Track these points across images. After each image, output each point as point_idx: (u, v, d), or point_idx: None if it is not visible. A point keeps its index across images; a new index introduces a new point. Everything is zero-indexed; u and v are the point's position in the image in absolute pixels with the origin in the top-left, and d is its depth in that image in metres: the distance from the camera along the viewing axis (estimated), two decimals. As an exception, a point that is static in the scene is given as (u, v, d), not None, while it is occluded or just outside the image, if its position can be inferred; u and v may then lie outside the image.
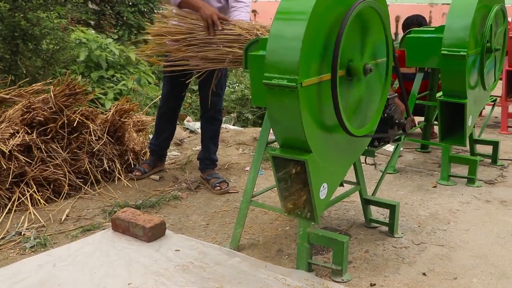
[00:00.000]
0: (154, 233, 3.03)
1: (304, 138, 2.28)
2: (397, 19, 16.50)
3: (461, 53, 3.65)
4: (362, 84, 2.62)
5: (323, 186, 2.49)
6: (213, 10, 3.37)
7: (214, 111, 3.97)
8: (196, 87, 6.05)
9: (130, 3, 11.13)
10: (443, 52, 3.72)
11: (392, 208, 3.18)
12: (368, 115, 2.77)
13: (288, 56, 2.18)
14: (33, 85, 4.04)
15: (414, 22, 5.21)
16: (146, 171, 4.10)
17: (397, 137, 3.20)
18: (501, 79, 5.63)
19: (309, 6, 2.17)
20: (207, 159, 4.06)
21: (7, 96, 3.80)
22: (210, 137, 4.01)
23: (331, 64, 2.27)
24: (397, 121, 3.01)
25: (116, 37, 10.28)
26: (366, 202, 3.29)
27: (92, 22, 10.87)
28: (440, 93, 3.99)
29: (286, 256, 2.93)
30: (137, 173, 4.07)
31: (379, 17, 2.62)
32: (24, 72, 5.31)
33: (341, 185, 3.17)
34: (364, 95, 2.69)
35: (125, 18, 10.88)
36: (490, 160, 4.65)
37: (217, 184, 3.87)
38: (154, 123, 4.68)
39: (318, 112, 2.37)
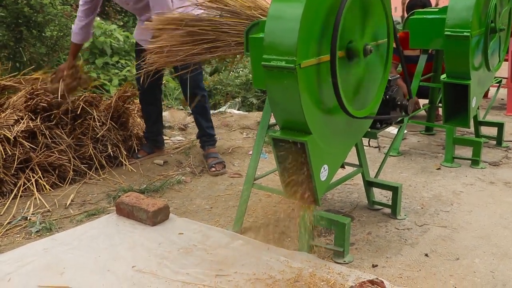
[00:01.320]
0: (158, 217, 3.05)
1: (304, 119, 2.28)
2: (404, 2, 16.37)
3: (464, 33, 3.61)
4: (362, 65, 2.61)
5: (324, 168, 2.49)
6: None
7: (194, 87, 3.93)
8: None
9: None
10: (446, 33, 3.69)
11: (394, 190, 3.18)
12: (368, 96, 2.76)
13: (286, 38, 2.17)
14: (32, 73, 4.05)
15: (418, 3, 5.16)
16: (138, 157, 4.15)
17: (399, 119, 3.19)
18: (506, 60, 5.59)
19: (307, -13, 2.16)
20: (204, 135, 4.09)
21: (8, 83, 3.81)
22: (199, 113, 4.02)
23: (330, 45, 2.27)
24: (399, 102, 3.00)
25: (122, 23, 10.27)
26: (369, 184, 3.29)
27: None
28: (444, 75, 3.97)
29: (289, 239, 2.94)
30: (131, 159, 4.12)
31: (379, -3, 2.60)
32: (28, 59, 5.32)
33: (342, 167, 3.17)
34: (365, 77, 2.68)
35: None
36: (495, 142, 4.63)
37: (213, 165, 3.89)
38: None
39: (318, 93, 2.36)
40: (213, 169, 3.89)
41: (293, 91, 2.21)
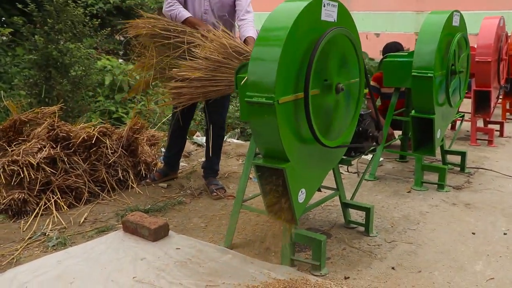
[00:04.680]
0: (158, 234, 3.02)
1: (282, 149, 2.28)
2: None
3: (428, 74, 3.64)
4: (336, 101, 2.62)
5: (301, 191, 2.48)
6: (209, 27, 3.53)
7: (218, 127, 3.96)
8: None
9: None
10: (413, 73, 3.72)
11: (367, 210, 3.16)
12: (342, 128, 2.76)
13: (266, 77, 2.19)
14: (42, 107, 4.05)
15: (392, 48, 5.19)
16: (155, 179, 4.12)
17: (372, 148, 3.18)
18: (469, 97, 5.61)
19: (284, 33, 2.19)
20: (210, 168, 4.06)
21: (29, 118, 3.82)
22: (214, 150, 4.01)
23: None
24: (371, 134, 3.00)
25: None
26: (345, 206, 3.27)
27: (121, 52, 10.97)
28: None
29: (273, 253, 2.90)
30: (147, 180, 4.10)
31: (351, 42, 2.62)
32: (56, 95, 5.35)
33: (319, 190, 3.15)
34: (339, 111, 2.69)
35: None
36: (459, 168, 4.60)
37: (215, 190, 3.87)
38: (165, 138, 4.70)
39: (295, 126, 2.37)
40: (215, 193, 3.87)
41: (272, 124, 2.22)
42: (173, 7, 3.73)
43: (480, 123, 5.93)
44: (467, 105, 5.89)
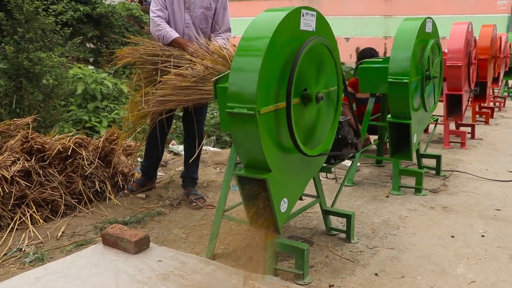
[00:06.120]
0: (139, 246, 2.97)
1: (264, 159, 2.27)
2: (357, 50, 16.73)
3: (404, 80, 3.70)
4: (315, 110, 2.63)
5: (284, 201, 2.48)
6: (195, 47, 3.53)
7: (197, 136, 3.93)
8: (181, 114, 5.99)
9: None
10: (389, 79, 3.77)
11: (348, 217, 3.18)
12: (322, 136, 2.77)
13: (247, 88, 2.17)
14: (24, 117, 3.97)
15: (367, 54, 5.26)
16: (133, 190, 4.06)
17: (351, 155, 3.20)
18: (442, 101, 5.72)
19: (265, 43, 2.18)
20: (189, 177, 4.03)
21: (1, 130, 3.73)
22: (193, 159, 3.97)
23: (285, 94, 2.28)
24: (350, 141, 3.02)
25: (112, 71, 10.21)
26: (326, 213, 3.28)
27: (91, 59, 10.81)
28: (390, 115, 4.03)
29: (256, 263, 2.89)
30: (125, 191, 4.03)
31: (329, 52, 2.64)
32: (27, 105, 5.23)
33: (301, 199, 3.15)
34: (318, 119, 2.70)
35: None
36: (434, 172, 4.68)
37: (194, 200, 3.84)
38: (141, 148, 4.64)
39: (276, 136, 2.36)
40: (194, 203, 3.83)
41: (254, 134, 2.21)
42: (160, 27, 3.71)
43: (452, 126, 6.06)
44: (439, 108, 6.01)
